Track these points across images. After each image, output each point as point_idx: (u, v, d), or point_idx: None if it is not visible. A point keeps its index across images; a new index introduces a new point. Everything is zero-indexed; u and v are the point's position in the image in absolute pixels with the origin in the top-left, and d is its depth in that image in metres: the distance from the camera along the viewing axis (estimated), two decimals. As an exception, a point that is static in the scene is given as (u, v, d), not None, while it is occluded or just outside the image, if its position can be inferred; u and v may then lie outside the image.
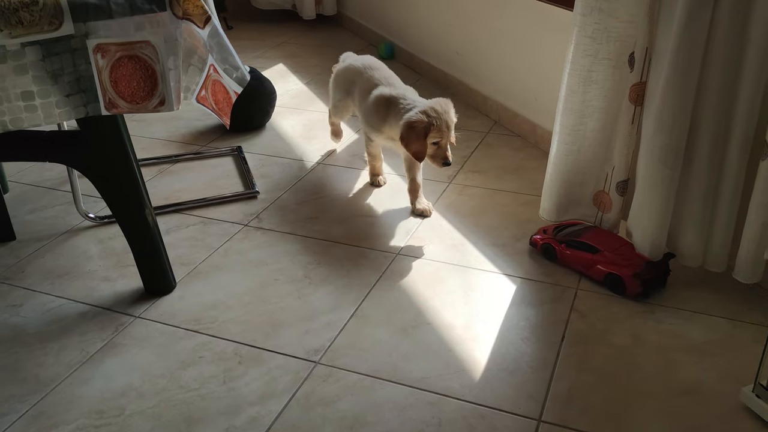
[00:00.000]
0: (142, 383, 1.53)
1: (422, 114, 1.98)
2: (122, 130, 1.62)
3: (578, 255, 1.82)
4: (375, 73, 2.25)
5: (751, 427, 1.38)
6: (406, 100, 2.08)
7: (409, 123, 1.98)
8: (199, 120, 2.94)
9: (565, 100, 1.80)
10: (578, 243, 1.83)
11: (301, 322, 1.71)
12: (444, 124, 1.99)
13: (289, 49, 3.94)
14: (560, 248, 1.86)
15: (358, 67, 2.31)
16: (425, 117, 1.97)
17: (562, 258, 1.86)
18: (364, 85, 2.24)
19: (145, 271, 1.82)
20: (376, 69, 2.28)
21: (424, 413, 1.43)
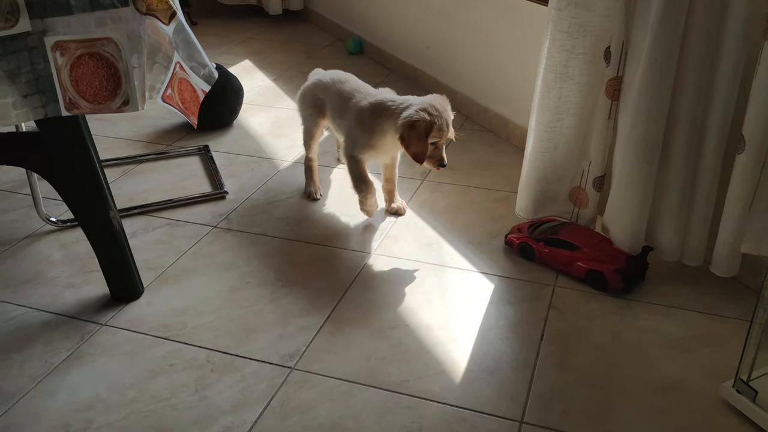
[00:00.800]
0: (109, 394, 1.47)
1: (423, 112, 1.84)
2: (84, 131, 1.55)
3: (557, 253, 1.81)
4: (345, 86, 2.10)
5: (733, 423, 1.37)
6: (395, 101, 1.94)
7: (411, 122, 1.84)
8: (165, 119, 2.86)
9: (541, 97, 1.78)
10: (556, 240, 1.82)
11: (275, 327, 1.66)
12: (444, 122, 1.87)
13: (254, 46, 3.87)
14: (538, 246, 1.84)
15: (326, 83, 2.15)
16: (426, 115, 1.84)
17: (540, 257, 1.84)
18: (336, 101, 2.08)
19: (111, 276, 1.76)
20: (345, 82, 2.13)
21: (404, 418, 1.40)
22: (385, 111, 1.92)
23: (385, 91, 2.05)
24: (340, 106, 2.06)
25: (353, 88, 2.09)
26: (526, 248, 1.87)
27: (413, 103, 1.90)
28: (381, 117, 1.92)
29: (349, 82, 2.12)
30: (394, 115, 1.89)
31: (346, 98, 2.05)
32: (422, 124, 1.83)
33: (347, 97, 2.05)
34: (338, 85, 2.11)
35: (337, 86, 2.11)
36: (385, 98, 1.96)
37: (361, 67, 3.48)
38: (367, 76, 3.31)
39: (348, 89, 2.08)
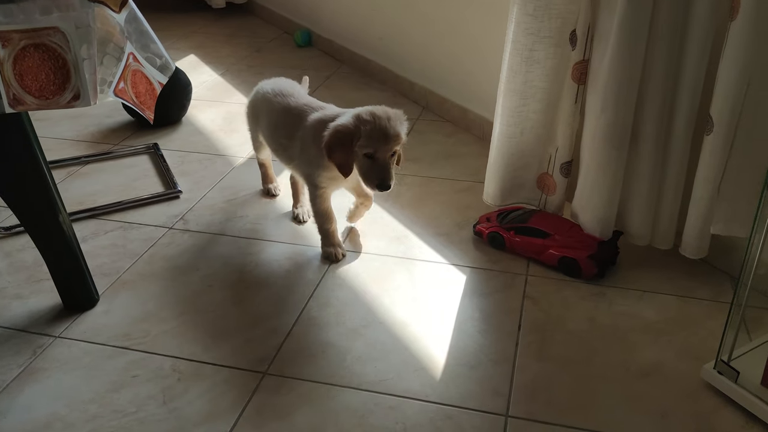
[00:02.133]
0: (69, 411, 1.37)
1: (353, 118, 1.63)
2: (27, 129, 1.44)
3: (529, 241, 1.78)
4: (290, 100, 1.81)
5: (715, 404, 1.37)
6: (337, 113, 1.72)
7: (335, 128, 1.63)
8: (109, 117, 2.73)
9: (507, 81, 1.75)
10: (527, 228, 1.79)
11: (243, 331, 1.58)
12: (379, 132, 1.61)
13: (198, 40, 3.75)
14: (509, 236, 1.81)
15: (266, 94, 1.86)
16: (354, 121, 1.63)
17: (511, 246, 1.81)
18: (277, 119, 1.80)
19: (62, 285, 1.65)
20: (289, 95, 1.83)
21: (387, 419, 1.34)
22: (327, 124, 1.67)
23: (329, 105, 1.82)
24: (288, 124, 1.78)
25: (303, 102, 1.81)
26: (497, 238, 1.83)
27: (350, 112, 1.68)
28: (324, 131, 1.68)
29: (296, 96, 1.84)
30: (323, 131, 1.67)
31: (298, 115, 1.77)
32: (345, 130, 1.61)
33: (298, 114, 1.77)
34: (283, 99, 1.82)
35: (281, 100, 1.82)
36: (336, 113, 1.73)
37: (310, 59, 3.41)
38: (317, 69, 3.26)
39: (296, 104, 1.80)
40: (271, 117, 1.85)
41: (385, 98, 2.89)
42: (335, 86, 3.05)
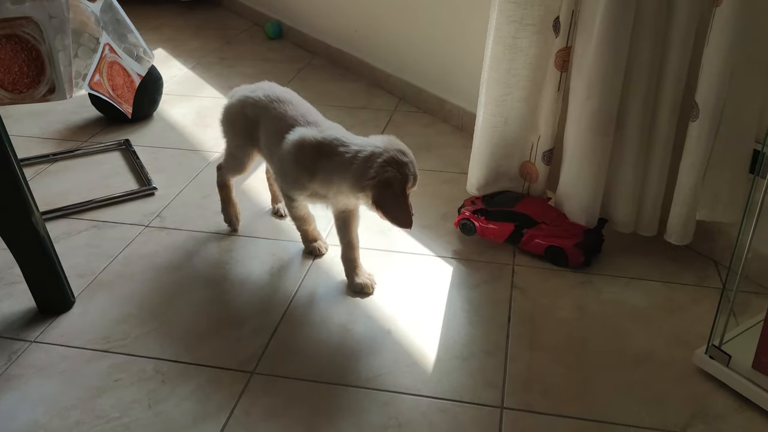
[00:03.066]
0: (49, 419, 1.31)
1: (389, 165, 1.45)
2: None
3: (501, 228, 1.77)
4: (288, 108, 1.64)
5: (708, 387, 1.37)
6: (347, 146, 1.51)
7: (387, 180, 1.44)
8: (76, 113, 2.64)
9: (490, 70, 1.72)
10: (513, 214, 1.77)
11: (228, 330, 1.54)
12: (415, 170, 1.51)
13: (166, 33, 3.66)
14: (480, 223, 1.79)
15: (261, 100, 1.68)
16: (396, 167, 1.46)
17: (482, 233, 1.80)
18: (274, 125, 1.64)
19: (36, 287, 1.58)
20: (287, 102, 1.66)
21: (381, 415, 1.32)
22: (335, 157, 1.50)
23: (336, 127, 1.62)
24: (280, 133, 1.61)
25: (300, 112, 1.64)
26: (467, 225, 1.81)
27: (367, 149, 1.48)
28: (328, 162, 1.51)
29: (294, 104, 1.67)
30: (349, 170, 1.48)
31: (288, 124, 1.61)
32: (395, 181, 1.45)
33: (290, 123, 1.61)
34: (278, 106, 1.65)
35: (276, 107, 1.66)
36: (334, 137, 1.54)
37: (281, 52, 3.35)
38: (289, 61, 3.21)
39: (292, 113, 1.64)
40: (268, 124, 1.67)
41: (360, 90, 2.86)
42: (308, 78, 3.00)
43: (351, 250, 1.67)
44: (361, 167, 1.46)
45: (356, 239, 1.68)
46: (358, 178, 1.47)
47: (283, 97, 1.68)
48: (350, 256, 1.68)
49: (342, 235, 1.67)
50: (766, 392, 1.30)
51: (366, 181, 1.45)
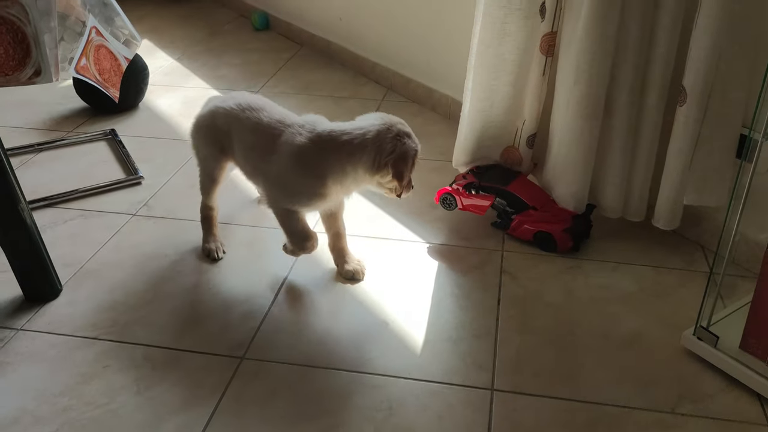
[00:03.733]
0: (37, 405, 1.30)
1: (405, 138, 1.48)
2: None
3: (481, 202, 1.78)
4: (262, 115, 1.58)
5: (696, 368, 1.38)
6: (348, 131, 1.49)
7: (405, 152, 1.47)
8: (60, 104, 2.61)
9: (479, 55, 1.72)
10: (505, 193, 1.76)
11: (217, 316, 1.53)
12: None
13: (151, 23, 3.63)
14: (460, 196, 1.80)
15: (232, 110, 1.61)
16: (410, 142, 1.49)
17: (463, 208, 1.81)
18: (252, 139, 1.57)
19: (23, 276, 1.57)
20: (260, 109, 1.59)
21: (372, 398, 1.31)
22: (344, 147, 1.47)
23: (314, 117, 1.58)
24: (262, 144, 1.56)
25: (277, 118, 1.58)
26: (447, 199, 1.82)
27: (371, 129, 1.48)
28: (337, 155, 1.47)
29: (267, 109, 1.60)
30: (364, 152, 1.46)
31: (271, 133, 1.55)
32: (412, 153, 1.49)
33: (272, 132, 1.55)
34: (253, 115, 1.59)
35: (251, 116, 1.59)
36: (330, 130, 1.51)
37: (268, 42, 3.34)
38: (275, 51, 3.19)
39: (269, 120, 1.57)
40: (243, 136, 1.60)
41: (346, 79, 2.85)
42: (296, 68, 2.98)
43: (339, 239, 1.66)
44: (376, 147, 1.45)
45: (343, 228, 1.67)
46: (374, 157, 1.46)
47: (255, 104, 1.61)
48: (339, 245, 1.67)
49: (329, 225, 1.66)
50: (754, 371, 1.31)
51: (387, 157, 1.45)
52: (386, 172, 1.47)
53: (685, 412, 1.28)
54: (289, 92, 2.74)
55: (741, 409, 1.29)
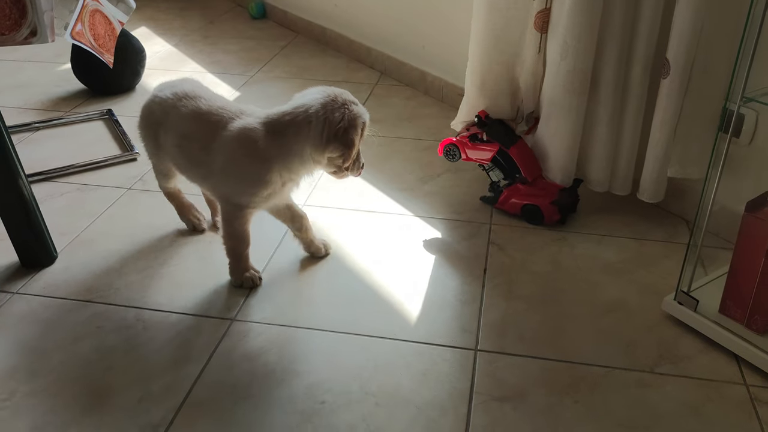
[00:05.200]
0: (32, 361, 1.33)
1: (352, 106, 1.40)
2: None
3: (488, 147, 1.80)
4: (201, 103, 1.48)
5: (676, 332, 1.41)
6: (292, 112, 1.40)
7: (354, 116, 1.40)
8: (58, 86, 2.65)
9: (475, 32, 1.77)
10: (505, 155, 1.78)
11: (208, 281, 1.56)
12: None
13: (148, 12, 3.66)
14: (463, 145, 1.81)
15: (167, 99, 1.52)
16: (358, 106, 1.42)
17: (466, 158, 1.83)
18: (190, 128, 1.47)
19: (19, 243, 1.60)
20: (198, 98, 1.49)
21: (358, 357, 1.35)
22: (289, 128, 1.39)
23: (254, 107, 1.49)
24: (203, 132, 1.45)
25: (218, 105, 1.48)
26: (451, 151, 1.84)
27: (314, 103, 1.39)
28: (282, 138, 1.40)
29: (205, 98, 1.50)
30: (310, 128, 1.38)
31: (214, 121, 1.45)
32: (362, 120, 1.42)
33: (215, 119, 1.45)
34: (191, 103, 1.48)
35: (188, 104, 1.48)
36: (271, 112, 1.43)
37: (265, 30, 3.37)
38: (272, 39, 3.23)
39: (209, 108, 1.47)
40: (179, 126, 1.50)
41: (341, 64, 2.89)
42: (291, 55, 3.02)
43: (303, 223, 1.62)
44: (322, 119, 1.37)
45: (304, 213, 1.62)
46: (322, 130, 1.38)
47: (193, 92, 1.51)
48: (304, 224, 1.62)
49: (288, 216, 1.61)
50: (731, 333, 1.34)
51: (337, 126, 1.37)
52: (336, 146, 1.39)
53: (664, 372, 1.32)
54: (283, 77, 2.78)
55: (718, 369, 1.32)
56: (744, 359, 1.33)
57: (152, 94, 1.59)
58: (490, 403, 1.24)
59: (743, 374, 1.31)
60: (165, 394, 1.26)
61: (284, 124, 1.40)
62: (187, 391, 1.26)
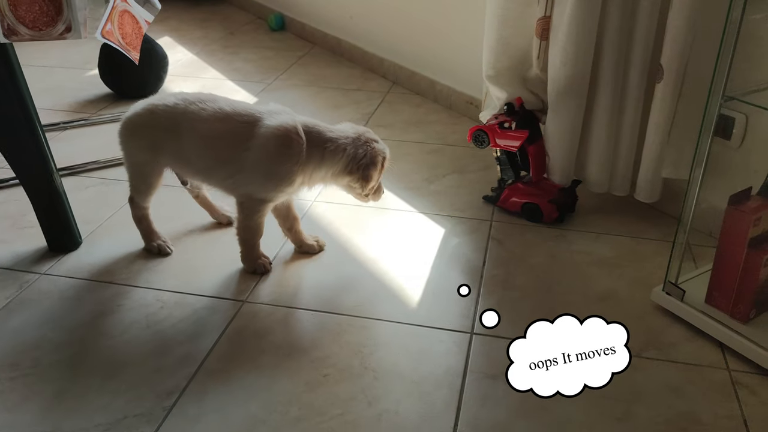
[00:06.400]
0: (57, 334, 1.43)
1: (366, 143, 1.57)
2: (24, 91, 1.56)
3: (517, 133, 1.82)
4: (221, 104, 1.56)
5: (663, 322, 1.48)
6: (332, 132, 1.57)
7: (376, 153, 1.58)
8: (85, 90, 2.78)
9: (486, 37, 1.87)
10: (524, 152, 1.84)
11: (223, 267, 1.66)
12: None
13: (171, 24, 3.81)
14: (492, 132, 1.83)
15: (177, 105, 1.56)
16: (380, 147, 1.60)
17: (494, 145, 1.85)
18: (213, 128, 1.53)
19: (48, 228, 1.71)
20: (211, 100, 1.57)
21: (360, 336, 1.43)
22: (327, 144, 1.54)
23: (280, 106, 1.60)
24: (235, 131, 1.52)
25: (242, 106, 1.57)
26: (480, 136, 1.85)
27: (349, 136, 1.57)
28: (321, 151, 1.54)
29: (218, 101, 1.58)
30: (343, 154, 1.55)
31: (245, 121, 1.53)
32: (381, 157, 1.60)
33: (245, 119, 1.53)
34: (209, 106, 1.55)
35: (206, 107, 1.55)
36: (312, 125, 1.56)
37: (283, 42, 3.50)
38: (289, 50, 3.35)
39: (233, 109, 1.55)
40: (201, 128, 1.54)
41: (355, 74, 3.00)
42: (308, 64, 3.14)
43: (296, 223, 1.71)
44: (351, 152, 1.55)
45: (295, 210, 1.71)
46: (350, 161, 1.55)
47: (201, 96, 1.58)
48: (297, 229, 1.71)
49: (285, 215, 1.69)
50: (717, 321, 1.41)
51: (359, 162, 1.55)
52: (357, 177, 1.57)
53: (650, 356, 1.39)
54: (300, 85, 2.89)
55: (702, 356, 1.39)
56: (728, 347, 1.40)
57: (149, 103, 1.61)
58: (483, 380, 1.32)
59: (727, 360, 1.38)
60: (180, 365, 1.35)
61: (325, 139, 1.55)
62: (200, 362, 1.35)
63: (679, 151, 1.73)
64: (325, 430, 1.21)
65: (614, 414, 1.26)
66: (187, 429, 1.21)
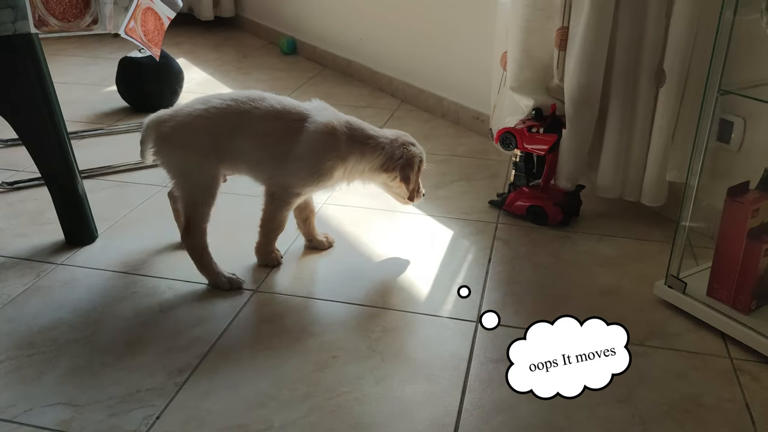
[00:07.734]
0: (73, 318, 1.47)
1: (411, 147, 1.67)
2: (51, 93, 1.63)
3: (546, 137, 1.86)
4: (272, 102, 1.61)
5: (665, 314, 1.51)
6: (373, 130, 1.67)
7: (412, 160, 1.65)
8: (103, 103, 2.86)
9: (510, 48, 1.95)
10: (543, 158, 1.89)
11: (235, 260, 1.70)
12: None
13: (186, 47, 3.91)
14: (520, 135, 1.86)
15: (229, 105, 1.58)
16: (416, 150, 1.68)
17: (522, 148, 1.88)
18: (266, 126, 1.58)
19: (66, 221, 1.76)
20: (260, 99, 1.61)
21: (368, 323, 1.47)
22: (369, 141, 1.63)
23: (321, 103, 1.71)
24: (284, 128, 1.59)
25: (289, 103, 1.65)
26: (507, 138, 1.89)
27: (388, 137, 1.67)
28: (362, 147, 1.62)
29: (267, 99, 1.62)
30: (382, 153, 1.63)
31: (294, 117, 1.60)
32: (418, 159, 1.67)
33: (294, 116, 1.61)
34: (261, 104, 1.59)
35: (260, 105, 1.59)
36: (355, 123, 1.66)
37: (295, 64, 3.59)
38: (301, 71, 3.44)
39: (282, 106, 1.62)
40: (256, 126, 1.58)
41: (365, 93, 3.07)
42: (318, 84, 3.22)
43: (311, 216, 1.77)
44: (389, 151, 1.64)
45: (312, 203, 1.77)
46: (387, 160, 1.64)
47: (252, 95, 1.63)
48: (311, 221, 1.77)
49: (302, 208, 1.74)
50: (718, 312, 1.44)
51: (396, 162, 1.64)
52: (394, 175, 1.66)
53: (653, 345, 1.41)
54: (311, 102, 2.96)
55: (705, 345, 1.42)
56: (730, 337, 1.42)
57: (193, 108, 1.61)
58: (488, 364, 1.35)
59: (728, 349, 1.41)
60: (192, 345, 1.38)
61: (367, 136, 1.64)
62: (211, 344, 1.39)
63: (683, 154, 1.77)
64: (333, 406, 1.24)
65: (617, 396, 1.28)
66: (198, 403, 1.24)
